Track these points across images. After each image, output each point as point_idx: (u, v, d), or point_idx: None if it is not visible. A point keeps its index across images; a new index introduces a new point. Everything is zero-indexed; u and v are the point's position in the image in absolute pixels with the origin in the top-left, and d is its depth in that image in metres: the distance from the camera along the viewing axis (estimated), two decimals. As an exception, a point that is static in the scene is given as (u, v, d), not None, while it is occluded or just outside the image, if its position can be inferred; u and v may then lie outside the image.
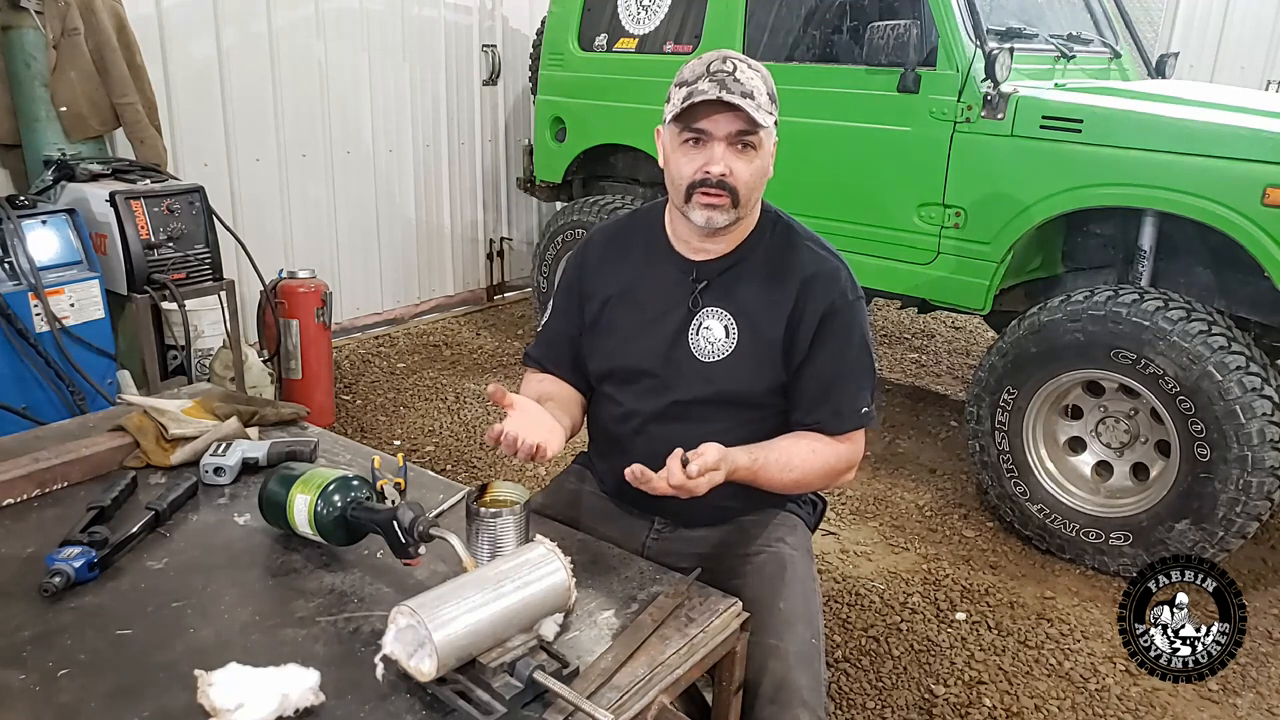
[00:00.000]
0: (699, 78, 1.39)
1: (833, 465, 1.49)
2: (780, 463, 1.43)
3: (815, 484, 1.52)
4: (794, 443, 1.47)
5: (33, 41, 3.02)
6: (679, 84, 1.42)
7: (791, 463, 1.44)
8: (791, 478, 1.45)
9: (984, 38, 2.96)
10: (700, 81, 1.38)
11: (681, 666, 1.17)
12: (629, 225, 1.65)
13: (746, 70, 1.39)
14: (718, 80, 1.37)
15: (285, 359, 3.51)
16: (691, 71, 1.41)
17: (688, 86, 1.39)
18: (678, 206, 1.48)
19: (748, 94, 1.36)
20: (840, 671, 2.31)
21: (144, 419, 1.63)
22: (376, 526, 1.24)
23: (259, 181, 4.18)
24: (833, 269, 1.51)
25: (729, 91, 1.36)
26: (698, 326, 1.51)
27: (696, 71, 1.40)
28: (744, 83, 1.37)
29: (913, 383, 4.37)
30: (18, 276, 2.67)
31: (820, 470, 1.48)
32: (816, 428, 1.49)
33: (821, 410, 1.49)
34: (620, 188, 4.35)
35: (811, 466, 1.46)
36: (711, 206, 1.42)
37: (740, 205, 1.44)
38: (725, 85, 1.36)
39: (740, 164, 1.41)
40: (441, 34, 4.86)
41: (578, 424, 1.60)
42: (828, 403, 1.49)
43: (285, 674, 1.02)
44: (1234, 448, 2.44)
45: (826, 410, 1.49)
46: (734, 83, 1.37)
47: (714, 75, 1.38)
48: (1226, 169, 2.51)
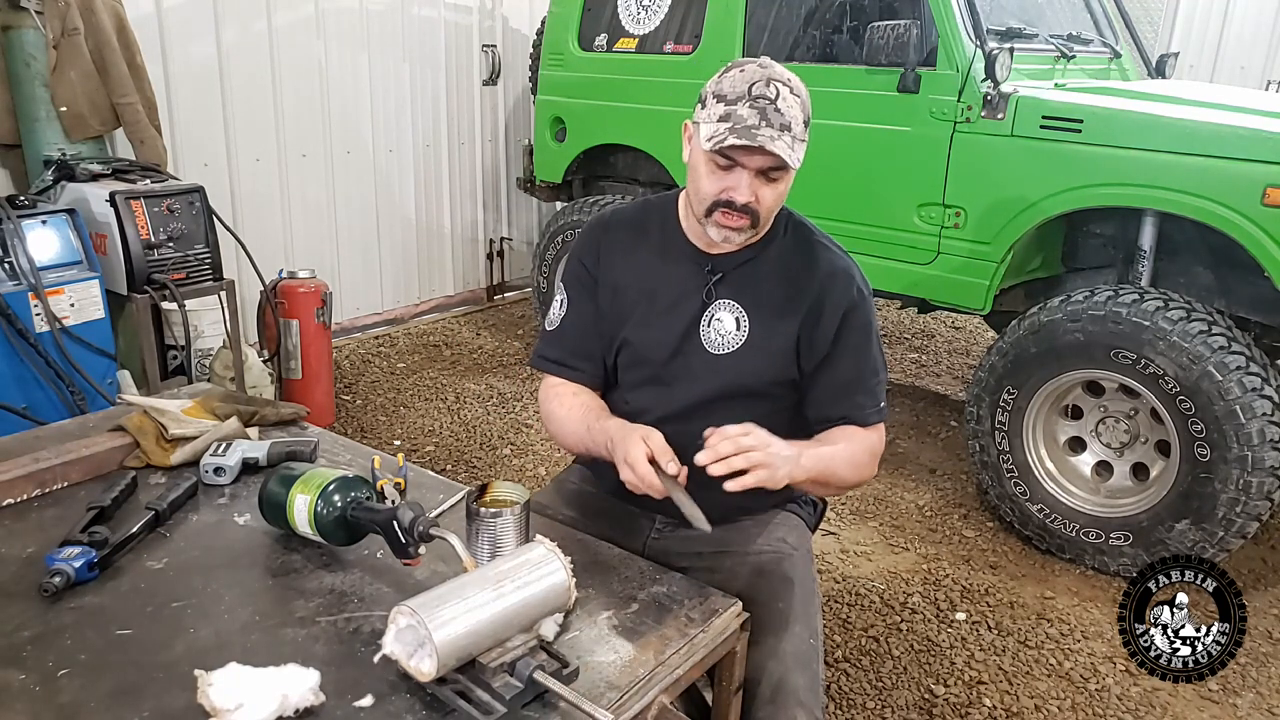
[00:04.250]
0: (740, 99, 1.33)
1: (871, 456, 1.51)
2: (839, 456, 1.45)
3: (864, 474, 1.52)
4: (831, 434, 1.49)
5: (33, 41, 3.02)
6: (718, 97, 1.36)
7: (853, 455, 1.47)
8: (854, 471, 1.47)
9: (984, 38, 2.96)
10: (740, 105, 1.33)
11: (681, 666, 1.17)
12: (642, 215, 1.62)
13: (788, 96, 1.34)
14: (759, 109, 1.32)
15: (285, 359, 3.51)
16: (732, 87, 1.35)
17: (726, 105, 1.34)
18: (696, 216, 1.47)
19: (786, 125, 1.33)
20: (840, 671, 2.31)
21: (144, 419, 1.63)
22: (376, 526, 1.24)
23: (259, 181, 4.18)
24: (846, 267, 1.52)
25: (769, 123, 1.32)
26: (709, 319, 1.52)
27: (738, 89, 1.34)
28: (784, 113, 1.33)
29: (913, 383, 4.37)
30: (18, 276, 2.67)
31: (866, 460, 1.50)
32: (844, 421, 1.50)
33: (848, 404, 1.50)
34: (620, 188, 4.35)
35: (858, 456, 1.48)
36: (730, 227, 1.42)
37: (759, 226, 1.44)
38: (766, 116, 1.32)
39: (766, 190, 1.40)
40: (441, 34, 4.86)
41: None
42: (854, 397, 1.50)
43: (285, 674, 1.02)
44: (1234, 448, 2.44)
45: (854, 404, 1.50)
46: (775, 113, 1.32)
47: (755, 101, 1.33)
48: (1226, 169, 2.51)
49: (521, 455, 3.48)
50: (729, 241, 1.44)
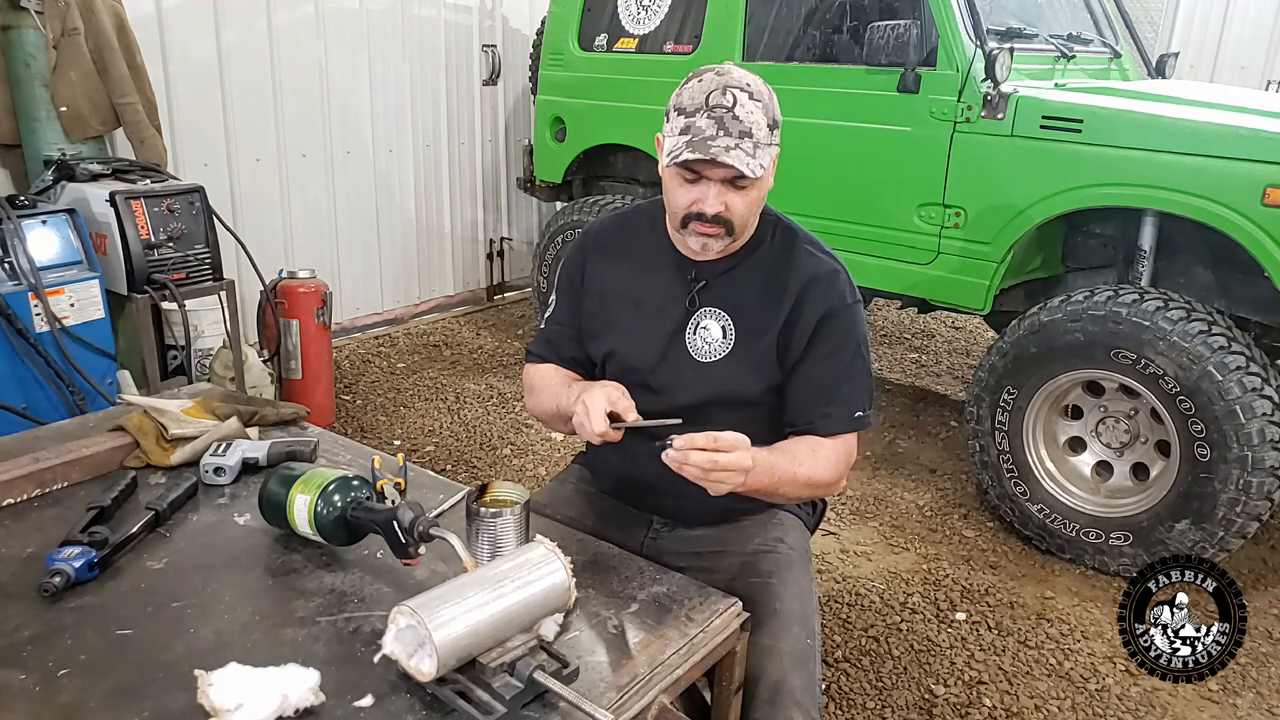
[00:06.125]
0: (698, 110, 1.33)
1: (831, 468, 1.46)
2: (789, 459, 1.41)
3: (822, 482, 1.47)
4: (794, 444, 1.46)
5: (33, 41, 3.02)
6: (678, 109, 1.37)
7: (799, 457, 1.42)
8: (804, 472, 1.41)
9: (984, 38, 2.96)
10: (699, 117, 1.33)
11: (681, 666, 1.17)
12: (630, 221, 1.64)
13: (747, 102, 1.33)
14: (716, 119, 1.32)
15: (285, 359, 3.51)
16: (690, 99, 1.35)
17: (685, 118, 1.34)
18: (673, 228, 1.47)
19: (745, 132, 1.32)
20: (840, 671, 2.31)
21: (144, 419, 1.63)
22: (376, 526, 1.24)
23: (259, 181, 4.18)
24: (831, 272, 1.49)
25: (726, 132, 1.31)
26: (695, 326, 1.51)
27: (695, 100, 1.34)
28: (743, 120, 1.32)
29: (913, 383, 4.37)
30: (18, 276, 2.67)
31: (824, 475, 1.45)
32: (808, 429, 1.47)
33: (814, 412, 1.48)
34: (620, 188, 4.35)
35: (816, 464, 1.43)
36: (706, 235, 1.42)
37: (736, 233, 1.43)
38: (723, 125, 1.32)
39: (735, 198, 1.39)
40: (441, 34, 4.86)
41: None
42: (821, 405, 1.48)
43: (285, 674, 1.02)
44: (1234, 448, 2.44)
45: (819, 412, 1.47)
46: (732, 120, 1.32)
47: (712, 110, 1.32)
48: (1226, 169, 2.51)
49: (521, 455, 3.48)
50: (708, 250, 1.45)
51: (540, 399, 1.59)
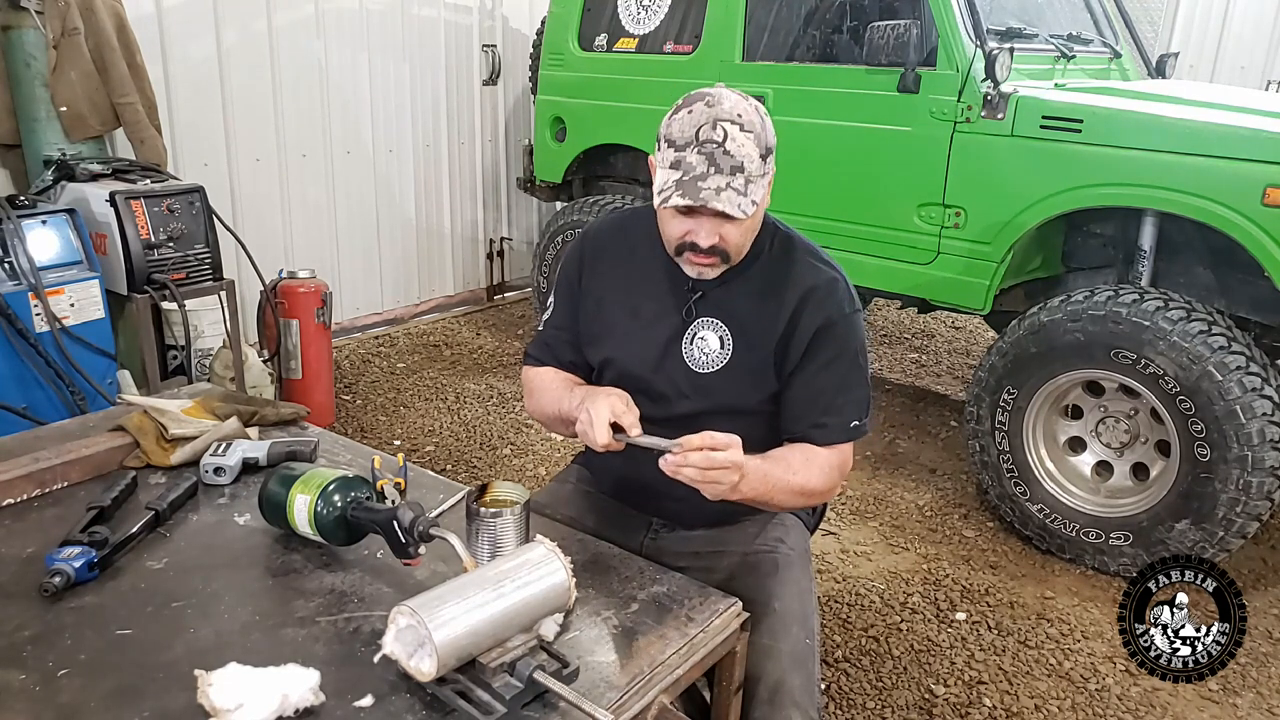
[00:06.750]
0: (688, 145, 1.30)
1: (825, 478, 1.45)
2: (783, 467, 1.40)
3: (815, 491, 1.47)
4: (789, 451, 1.45)
5: (33, 41, 3.02)
6: (669, 141, 1.33)
7: (793, 466, 1.42)
8: (797, 480, 1.41)
9: (984, 38, 2.96)
10: (688, 152, 1.30)
11: (681, 666, 1.17)
12: (628, 224, 1.62)
13: (738, 135, 1.30)
14: (706, 154, 1.29)
15: (285, 359, 3.51)
16: (680, 132, 1.32)
17: (676, 151, 1.32)
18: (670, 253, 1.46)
19: (738, 167, 1.29)
20: (840, 671, 2.31)
21: (144, 419, 1.63)
22: (376, 526, 1.24)
23: (259, 181, 4.18)
24: (830, 281, 1.48)
25: (718, 169, 1.29)
26: (692, 336, 1.50)
27: (685, 135, 1.31)
28: (734, 154, 1.29)
29: (913, 383, 4.37)
30: (18, 276, 2.66)
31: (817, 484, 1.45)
32: (804, 438, 1.47)
33: (810, 421, 1.47)
34: (620, 188, 4.35)
35: (810, 473, 1.43)
36: (701, 265, 1.41)
37: (732, 259, 1.42)
38: (714, 161, 1.29)
39: (730, 229, 1.36)
40: (441, 34, 4.86)
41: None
42: (817, 414, 1.46)
43: (285, 674, 1.02)
44: (1234, 448, 2.44)
45: (815, 421, 1.46)
46: (724, 156, 1.29)
47: (702, 147, 1.29)
48: (1226, 169, 2.51)
49: (521, 455, 3.48)
50: (705, 275, 1.44)
51: (541, 401, 1.58)
